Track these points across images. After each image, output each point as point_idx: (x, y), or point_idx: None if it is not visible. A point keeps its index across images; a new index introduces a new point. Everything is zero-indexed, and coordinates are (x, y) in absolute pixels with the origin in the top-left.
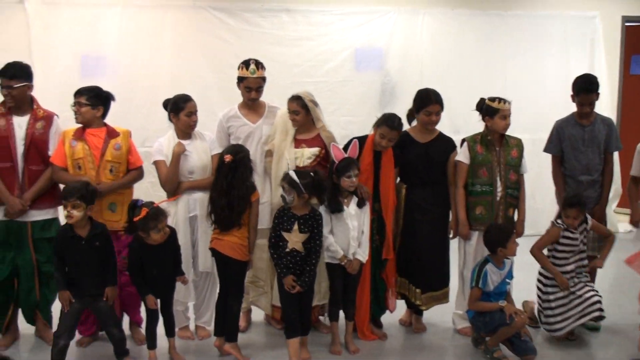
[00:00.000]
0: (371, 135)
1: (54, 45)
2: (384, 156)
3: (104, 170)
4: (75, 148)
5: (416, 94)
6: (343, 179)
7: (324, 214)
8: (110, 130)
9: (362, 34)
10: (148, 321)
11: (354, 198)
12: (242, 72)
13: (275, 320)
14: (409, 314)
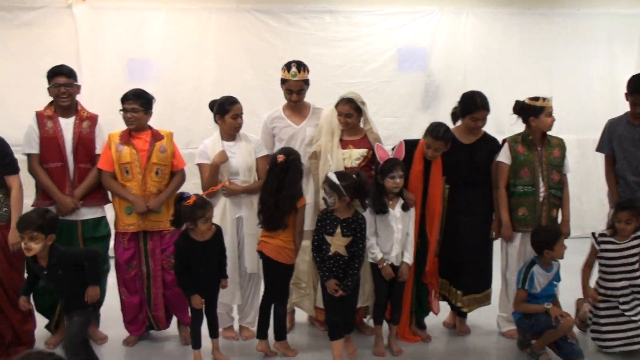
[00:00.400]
0: (422, 141)
1: (101, 49)
2: (433, 165)
3: (150, 173)
4: (122, 152)
5: (462, 97)
6: (387, 179)
7: (368, 214)
8: (155, 133)
9: (405, 34)
10: (192, 321)
11: (399, 200)
12: (284, 75)
13: (318, 322)
14: (452, 316)
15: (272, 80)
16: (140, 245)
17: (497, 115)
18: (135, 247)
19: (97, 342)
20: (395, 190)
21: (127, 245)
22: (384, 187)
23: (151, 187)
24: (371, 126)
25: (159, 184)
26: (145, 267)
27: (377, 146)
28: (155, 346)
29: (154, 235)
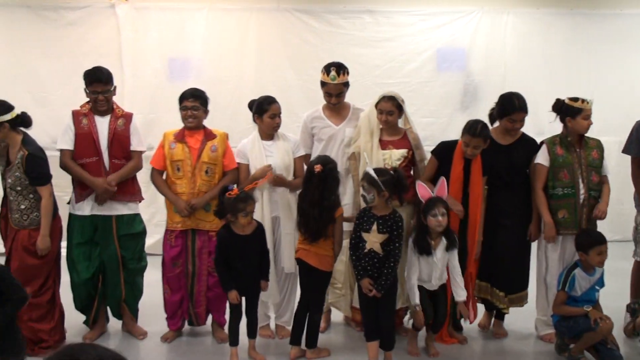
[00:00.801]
0: (460, 141)
1: (143, 49)
2: (474, 164)
3: (200, 172)
4: (174, 150)
5: (500, 98)
6: (429, 218)
7: (410, 253)
8: (208, 133)
9: (445, 34)
10: (231, 319)
11: (442, 241)
12: (324, 78)
13: (354, 322)
14: (487, 318)
15: (311, 80)
16: (188, 244)
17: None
18: (182, 245)
19: (137, 337)
20: (439, 229)
21: (174, 242)
22: (427, 226)
23: (200, 186)
24: (411, 125)
25: (209, 183)
26: (192, 266)
27: (418, 184)
28: (192, 342)
29: (202, 234)
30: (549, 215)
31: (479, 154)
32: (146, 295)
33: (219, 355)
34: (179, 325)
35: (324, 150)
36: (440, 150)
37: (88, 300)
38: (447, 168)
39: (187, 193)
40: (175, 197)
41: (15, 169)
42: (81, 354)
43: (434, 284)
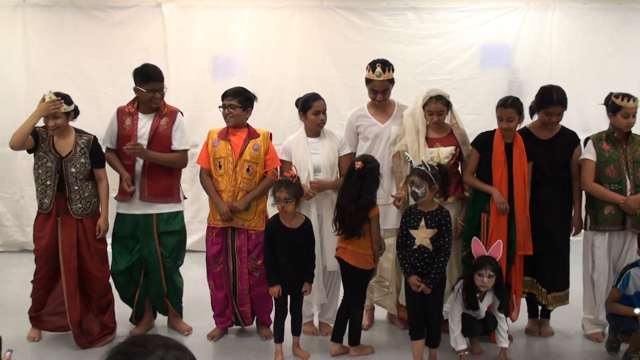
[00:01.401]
0: (498, 128)
1: (188, 47)
2: (515, 148)
3: (241, 170)
4: (217, 147)
5: (539, 90)
6: (476, 276)
7: (455, 304)
8: (252, 131)
9: (489, 31)
10: (276, 316)
11: (487, 296)
12: (369, 75)
13: (399, 320)
14: (532, 323)
15: (354, 77)
16: (228, 242)
17: (584, 114)
18: (222, 243)
19: (182, 334)
20: (482, 289)
21: (215, 240)
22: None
23: (241, 184)
24: (457, 121)
25: (250, 181)
26: (232, 264)
27: (473, 240)
28: (237, 340)
29: (242, 233)
30: (618, 195)
31: (517, 134)
32: (192, 292)
33: (263, 353)
34: (228, 324)
35: (370, 149)
36: (479, 140)
37: (130, 292)
38: (489, 158)
39: (228, 190)
40: (218, 199)
41: (79, 155)
42: (147, 342)
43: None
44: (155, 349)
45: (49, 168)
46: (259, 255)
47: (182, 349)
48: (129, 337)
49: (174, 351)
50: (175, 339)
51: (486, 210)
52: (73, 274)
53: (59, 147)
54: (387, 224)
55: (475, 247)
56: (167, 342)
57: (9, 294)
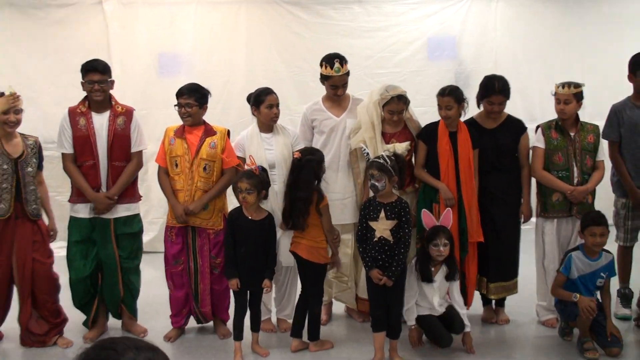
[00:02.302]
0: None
1: (131, 45)
2: (460, 136)
3: (198, 168)
4: (173, 146)
5: (482, 80)
6: (431, 247)
7: (412, 278)
8: (209, 129)
9: (435, 23)
10: (236, 313)
11: (442, 268)
12: (327, 71)
13: (357, 313)
14: (489, 311)
15: (302, 73)
16: (189, 242)
17: (529, 103)
18: (182, 243)
19: (138, 336)
20: (439, 258)
21: (174, 239)
22: (429, 254)
23: (198, 182)
24: (411, 114)
25: (207, 180)
26: (194, 263)
27: (423, 212)
28: (195, 340)
29: (202, 232)
30: (565, 185)
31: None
32: (145, 293)
33: (222, 352)
34: (182, 323)
35: (326, 143)
36: (425, 131)
37: (87, 299)
38: (435, 148)
39: (185, 189)
40: (174, 202)
41: (32, 156)
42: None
43: (438, 310)
44: (125, 351)
45: (5, 170)
46: (217, 253)
47: (154, 350)
48: (97, 342)
49: (146, 352)
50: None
51: (436, 200)
52: (28, 278)
53: (9, 149)
54: (344, 219)
55: (425, 219)
56: (138, 344)
57: None
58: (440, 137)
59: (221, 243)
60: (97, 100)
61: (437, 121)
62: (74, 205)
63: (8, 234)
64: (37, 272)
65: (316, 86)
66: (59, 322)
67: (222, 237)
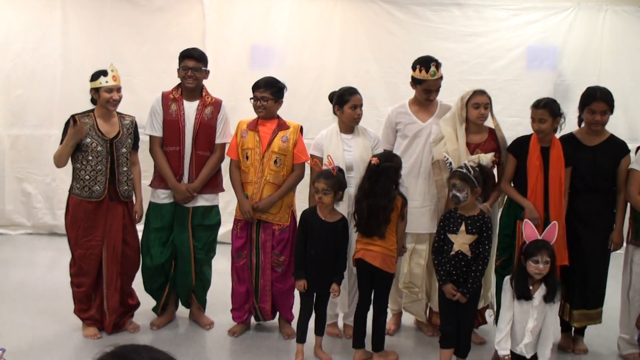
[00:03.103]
0: (534, 133)
1: (226, 36)
2: (553, 152)
3: (269, 161)
4: (245, 138)
5: (584, 92)
6: (529, 263)
7: (507, 297)
8: (282, 123)
9: (537, 31)
10: (301, 315)
11: (542, 287)
12: (421, 75)
13: (426, 327)
14: (565, 339)
15: (394, 74)
16: (253, 236)
17: (633, 123)
18: (246, 237)
19: (204, 327)
20: (537, 277)
21: (239, 233)
22: (527, 270)
23: (268, 176)
24: (497, 123)
25: (277, 174)
26: (255, 258)
27: (525, 223)
28: (259, 337)
29: (267, 228)
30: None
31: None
32: (216, 285)
33: (284, 353)
34: (244, 318)
35: (409, 147)
36: (515, 145)
37: (159, 286)
38: (525, 163)
39: (255, 182)
40: (242, 198)
41: (127, 135)
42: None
43: (522, 346)
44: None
45: (99, 152)
46: (281, 251)
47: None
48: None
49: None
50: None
51: (521, 217)
52: (117, 261)
53: (105, 129)
54: (421, 227)
55: (527, 231)
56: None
57: (34, 279)
58: (532, 151)
59: (285, 240)
60: (189, 87)
61: (529, 134)
62: (155, 191)
63: (102, 216)
64: (124, 254)
65: (406, 88)
66: (134, 305)
67: (287, 235)
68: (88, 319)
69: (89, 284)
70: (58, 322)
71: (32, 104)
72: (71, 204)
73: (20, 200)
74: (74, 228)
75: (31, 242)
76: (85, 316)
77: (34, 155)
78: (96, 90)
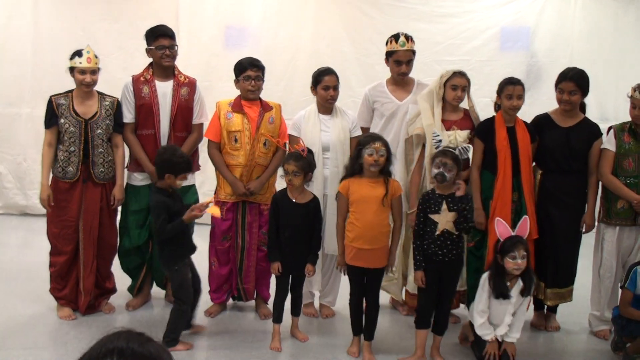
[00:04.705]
0: (498, 112)
1: (200, 15)
2: (519, 130)
3: (258, 144)
4: (232, 120)
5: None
6: (507, 259)
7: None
8: (265, 104)
9: (510, 12)
10: (277, 295)
11: (518, 283)
12: (391, 46)
13: (402, 306)
14: (538, 317)
15: (369, 54)
16: (239, 217)
17: (603, 102)
18: (233, 219)
19: None
20: (516, 272)
21: (225, 215)
22: (504, 268)
23: (258, 158)
24: (473, 104)
25: (266, 155)
26: (241, 240)
27: (497, 221)
28: (235, 317)
29: (253, 208)
30: (632, 193)
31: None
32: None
33: (261, 333)
34: (223, 299)
35: (385, 127)
36: (482, 128)
37: (135, 266)
38: (493, 146)
39: (244, 165)
40: (233, 179)
41: (105, 116)
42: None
43: (499, 334)
44: None
45: (72, 133)
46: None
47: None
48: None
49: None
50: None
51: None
52: (94, 243)
53: (81, 110)
54: None
55: (500, 229)
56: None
57: (7, 259)
58: (498, 132)
59: None
60: (165, 66)
61: (491, 117)
62: (132, 174)
63: (76, 196)
64: (101, 237)
65: (382, 69)
66: (111, 289)
67: None
68: (62, 298)
69: (62, 263)
70: (32, 303)
71: (2, 82)
72: (51, 182)
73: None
74: (50, 206)
75: (2, 222)
76: (59, 295)
77: (4, 134)
78: (71, 70)
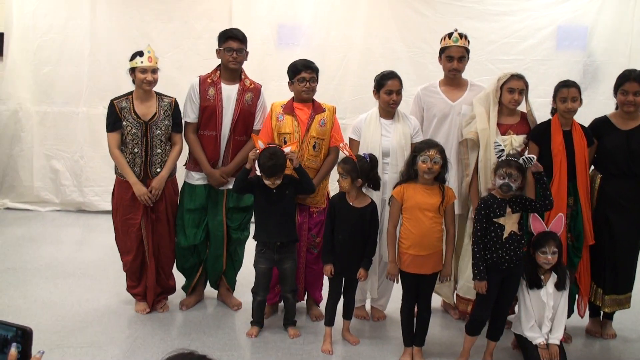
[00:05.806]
0: (554, 116)
1: (252, 14)
2: (575, 134)
3: (307, 146)
4: (282, 122)
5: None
6: (538, 254)
7: (522, 294)
8: (317, 106)
9: (567, 11)
10: (329, 298)
11: (552, 276)
12: (445, 42)
13: (453, 310)
14: (594, 324)
15: (422, 54)
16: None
17: None
18: None
19: (232, 308)
20: (546, 267)
21: None
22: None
23: (307, 161)
24: (530, 108)
25: (315, 158)
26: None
27: (532, 217)
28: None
29: (304, 210)
30: None
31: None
32: (245, 266)
33: (312, 334)
34: (275, 300)
35: (437, 128)
36: (537, 131)
37: (191, 266)
38: (548, 150)
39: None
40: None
41: (164, 117)
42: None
43: (543, 333)
44: None
45: (135, 135)
46: (318, 232)
47: None
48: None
49: None
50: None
51: None
52: (156, 241)
53: (140, 111)
54: None
55: (534, 224)
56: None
57: (63, 256)
58: (554, 136)
59: (322, 223)
60: (232, 69)
61: (547, 120)
62: (189, 172)
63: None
64: (162, 235)
65: (434, 68)
66: (171, 288)
67: (324, 217)
68: (137, 294)
69: (131, 262)
70: (88, 300)
71: (60, 81)
72: (115, 183)
73: (49, 177)
74: (118, 207)
75: (59, 219)
76: (134, 292)
77: (62, 132)
78: (132, 70)
